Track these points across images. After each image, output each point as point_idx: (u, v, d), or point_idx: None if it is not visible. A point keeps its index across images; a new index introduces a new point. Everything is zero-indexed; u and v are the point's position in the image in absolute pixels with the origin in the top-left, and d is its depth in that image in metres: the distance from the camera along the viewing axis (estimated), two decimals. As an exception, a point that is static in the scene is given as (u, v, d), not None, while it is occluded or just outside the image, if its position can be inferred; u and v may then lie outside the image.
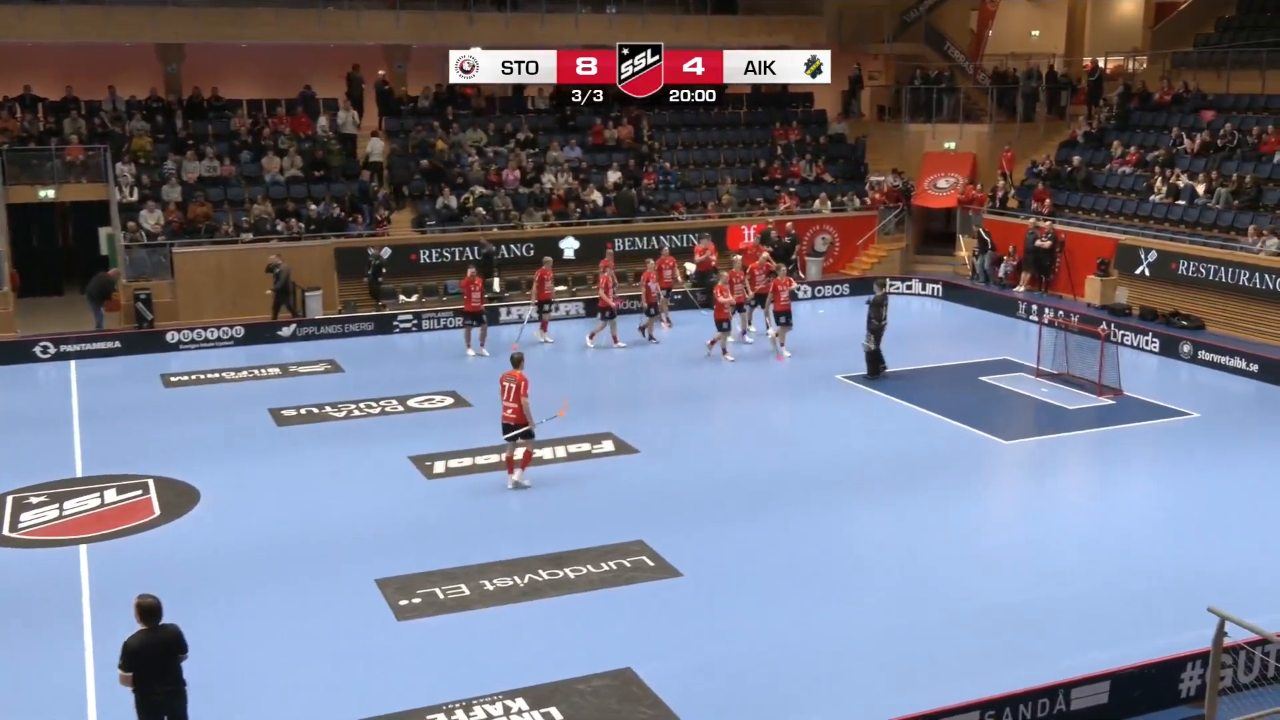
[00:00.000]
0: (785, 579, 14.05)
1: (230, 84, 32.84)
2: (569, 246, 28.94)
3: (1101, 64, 36.84)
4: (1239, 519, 15.90)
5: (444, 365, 24.67)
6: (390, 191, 31.01)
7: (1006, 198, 32.96)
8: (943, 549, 14.88)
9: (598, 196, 31.78)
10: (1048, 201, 31.32)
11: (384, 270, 28.00)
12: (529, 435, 16.98)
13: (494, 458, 18.16)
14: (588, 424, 19.73)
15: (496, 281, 29.04)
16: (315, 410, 20.95)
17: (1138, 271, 28.00)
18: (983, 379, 23.09)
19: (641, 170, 33.28)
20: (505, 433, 16.96)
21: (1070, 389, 22.28)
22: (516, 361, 17.38)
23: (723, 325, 24.38)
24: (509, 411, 16.89)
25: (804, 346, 25.05)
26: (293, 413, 20.81)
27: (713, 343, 24.39)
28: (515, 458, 16.97)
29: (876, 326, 22.88)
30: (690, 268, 30.52)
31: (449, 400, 21.65)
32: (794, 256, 31.55)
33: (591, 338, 25.39)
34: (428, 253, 29.11)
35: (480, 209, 30.02)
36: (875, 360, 23.05)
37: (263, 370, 23.98)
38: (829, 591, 13.73)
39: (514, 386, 16.87)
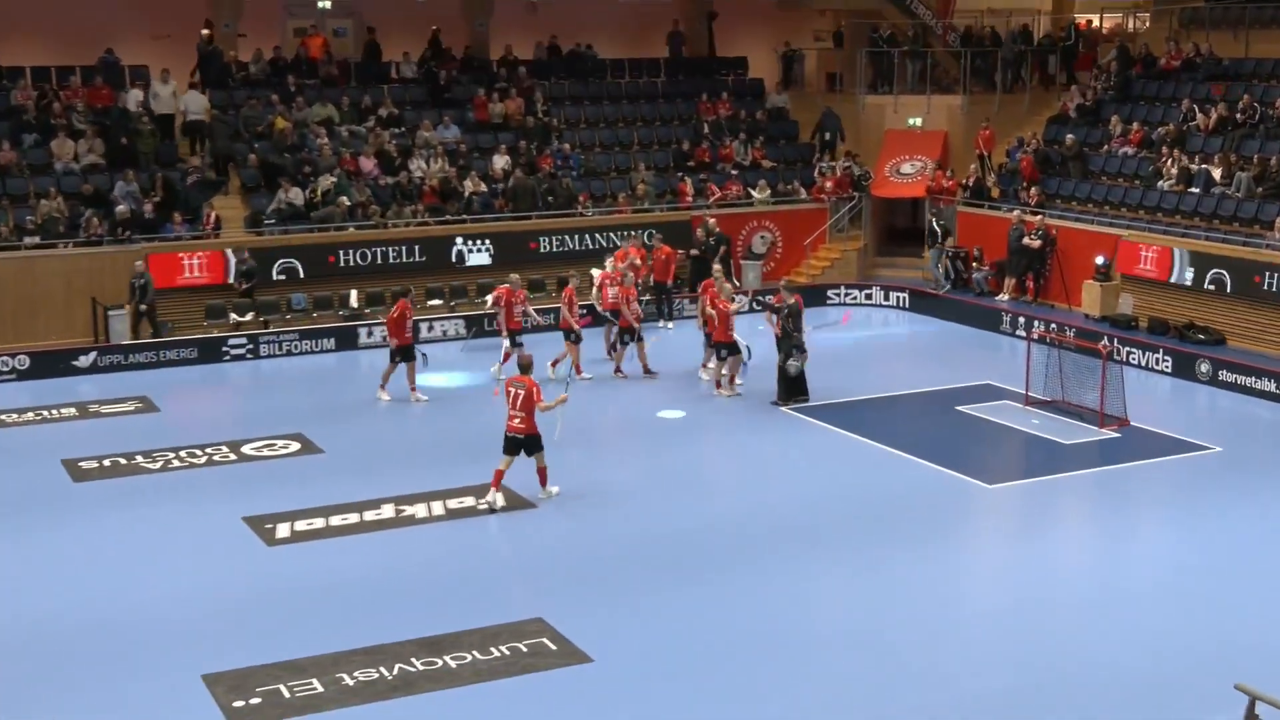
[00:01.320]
0: (719, 663, 14.08)
1: (10, 48, 32.29)
2: (352, 296, 28.98)
3: (1095, 22, 37.80)
4: (1269, 575, 16.29)
5: (288, 401, 24.46)
6: (212, 165, 30.77)
7: (985, 186, 33.60)
8: (912, 623, 15.02)
9: (483, 187, 31.83)
10: (1035, 191, 32.01)
11: (251, 279, 28.21)
12: (539, 447, 18.50)
13: (353, 516, 18.03)
14: (470, 473, 19.69)
15: (354, 295, 28.94)
16: (122, 461, 20.64)
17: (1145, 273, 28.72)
18: (960, 409, 23.44)
19: (536, 153, 33.38)
20: (508, 448, 18.43)
21: (1066, 419, 22.70)
22: (525, 366, 19.08)
23: (626, 338, 25.39)
24: (516, 421, 18.35)
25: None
26: (93, 464, 20.49)
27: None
28: (504, 471, 18.50)
29: (801, 342, 23.24)
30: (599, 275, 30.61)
31: (294, 446, 21.46)
32: (718, 261, 31.92)
33: (554, 365, 25.26)
34: (264, 262, 28.90)
35: (335, 202, 29.82)
36: (799, 386, 23.48)
37: (54, 411, 23.58)
38: (772, 678, 13.78)
39: (523, 393, 18.27)
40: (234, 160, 31.08)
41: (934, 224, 32.81)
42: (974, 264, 31.83)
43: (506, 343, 25.51)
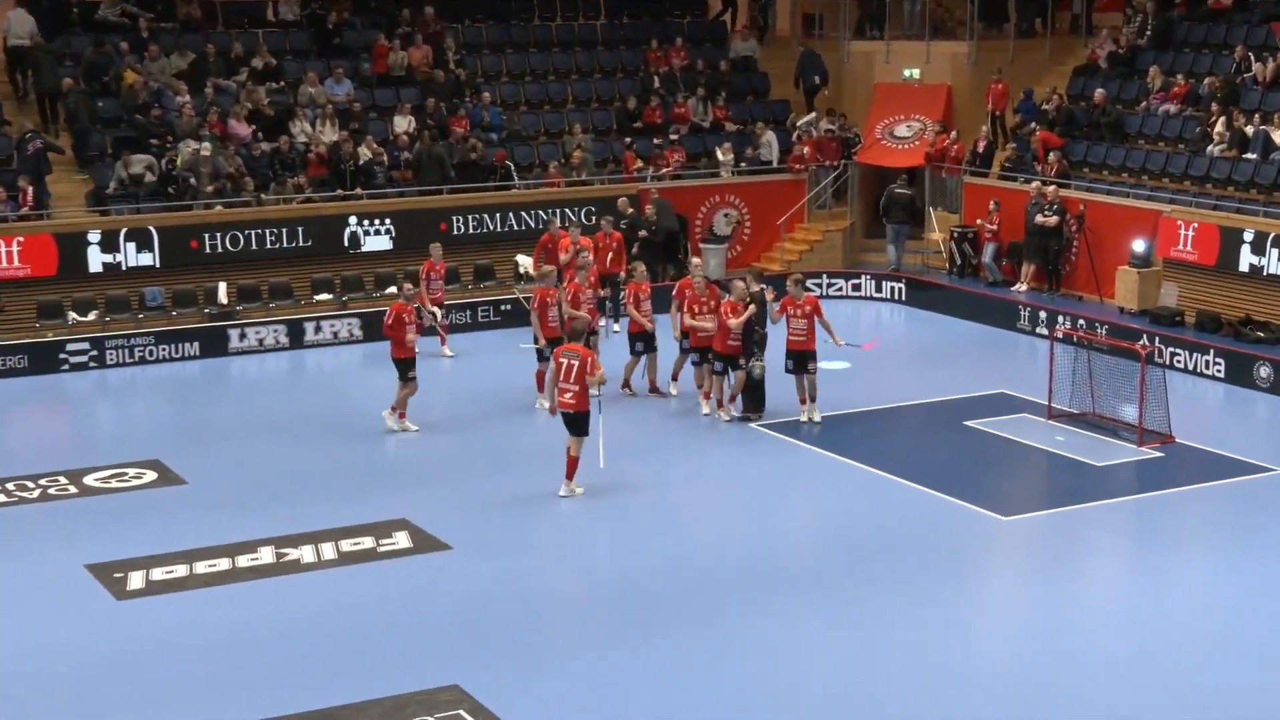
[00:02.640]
0: (677, 737, 14.17)
1: None
2: (220, 290, 29.02)
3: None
4: (1342, 623, 16.52)
5: (142, 420, 24.39)
6: (43, 109, 30.49)
7: (995, 151, 33.87)
8: (911, 683, 15.11)
9: (383, 155, 31.82)
10: (1055, 157, 32.32)
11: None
12: (583, 431, 19.72)
13: (223, 562, 17.96)
14: (367, 507, 19.71)
15: (223, 289, 28.88)
16: (-65, 496, 20.53)
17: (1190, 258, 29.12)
18: (969, 423, 23.64)
19: (448, 113, 33.39)
20: (568, 425, 19.81)
21: (1097, 435, 22.94)
22: (577, 333, 20.37)
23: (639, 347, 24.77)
24: (568, 396, 19.62)
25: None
26: (-101, 501, 20.34)
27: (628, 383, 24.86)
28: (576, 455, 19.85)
29: (762, 338, 23.40)
30: (526, 261, 30.64)
31: (149, 476, 21.37)
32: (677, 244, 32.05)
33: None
34: (110, 247, 28.75)
35: (199, 174, 29.69)
36: (758, 396, 23.69)
37: None
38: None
39: (575, 364, 19.57)
40: (62, 100, 30.77)
41: (894, 193, 33.08)
42: (982, 231, 32.15)
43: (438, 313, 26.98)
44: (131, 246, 28.82)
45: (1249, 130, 30.17)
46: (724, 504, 20.49)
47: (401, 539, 18.79)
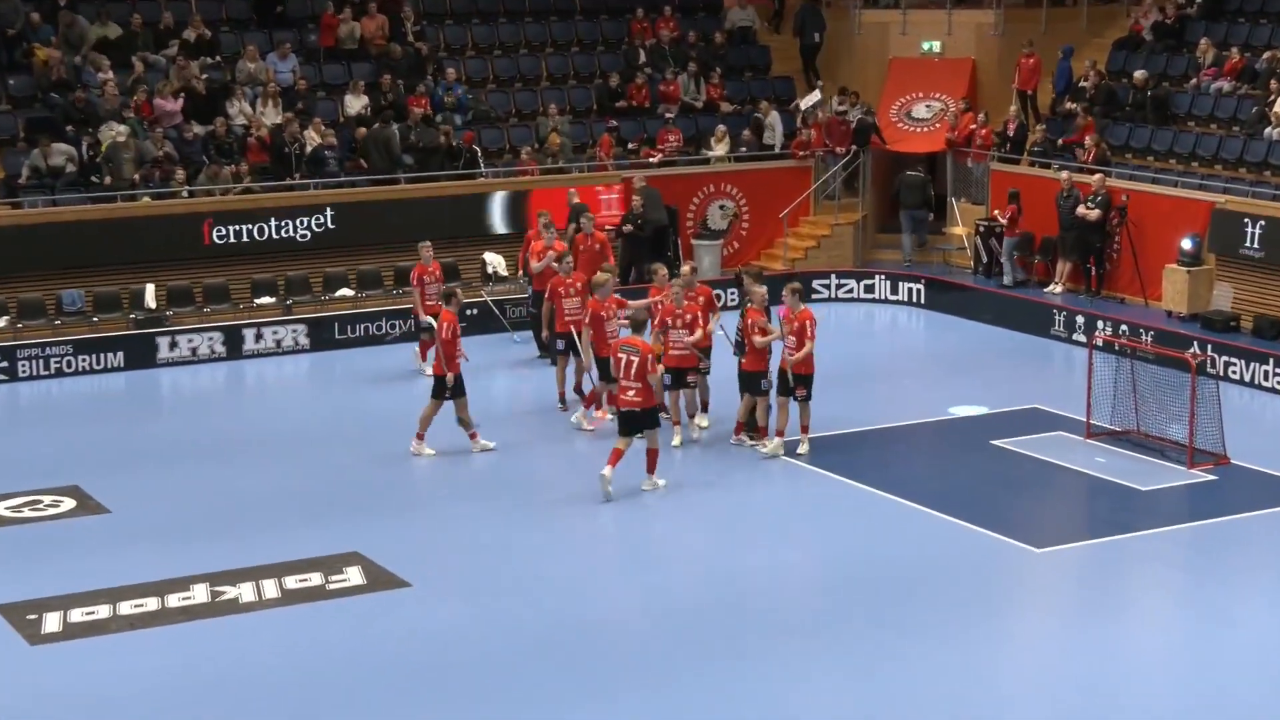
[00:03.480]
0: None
1: None
2: (147, 293, 28.96)
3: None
4: None
5: (59, 441, 24.33)
6: None
7: (1027, 135, 33.85)
8: (935, 738, 15.11)
9: (332, 139, 31.77)
10: (1093, 141, 32.34)
11: None
12: (654, 423, 20.60)
13: (151, 602, 17.87)
14: (314, 539, 19.67)
15: (151, 292, 28.82)
16: None
17: (1247, 255, 29.14)
18: (997, 443, 23.61)
19: (406, 92, 33.34)
20: (626, 426, 20.78)
21: (1142, 456, 22.92)
22: (639, 325, 21.06)
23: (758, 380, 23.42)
24: (630, 394, 20.58)
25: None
26: None
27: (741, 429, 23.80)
28: (623, 452, 20.73)
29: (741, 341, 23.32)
30: (496, 260, 30.61)
31: (67, 504, 21.29)
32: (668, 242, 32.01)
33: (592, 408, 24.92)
34: (30, 244, 28.69)
35: (122, 161, 29.62)
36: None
37: None
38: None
39: (636, 360, 20.43)
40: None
41: (907, 177, 33.09)
42: (1001, 223, 32.17)
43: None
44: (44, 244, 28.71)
45: (1312, 111, 30.25)
46: (718, 536, 20.41)
47: (354, 575, 18.70)
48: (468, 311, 29.44)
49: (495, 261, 30.71)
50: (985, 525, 20.22)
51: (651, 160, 33.54)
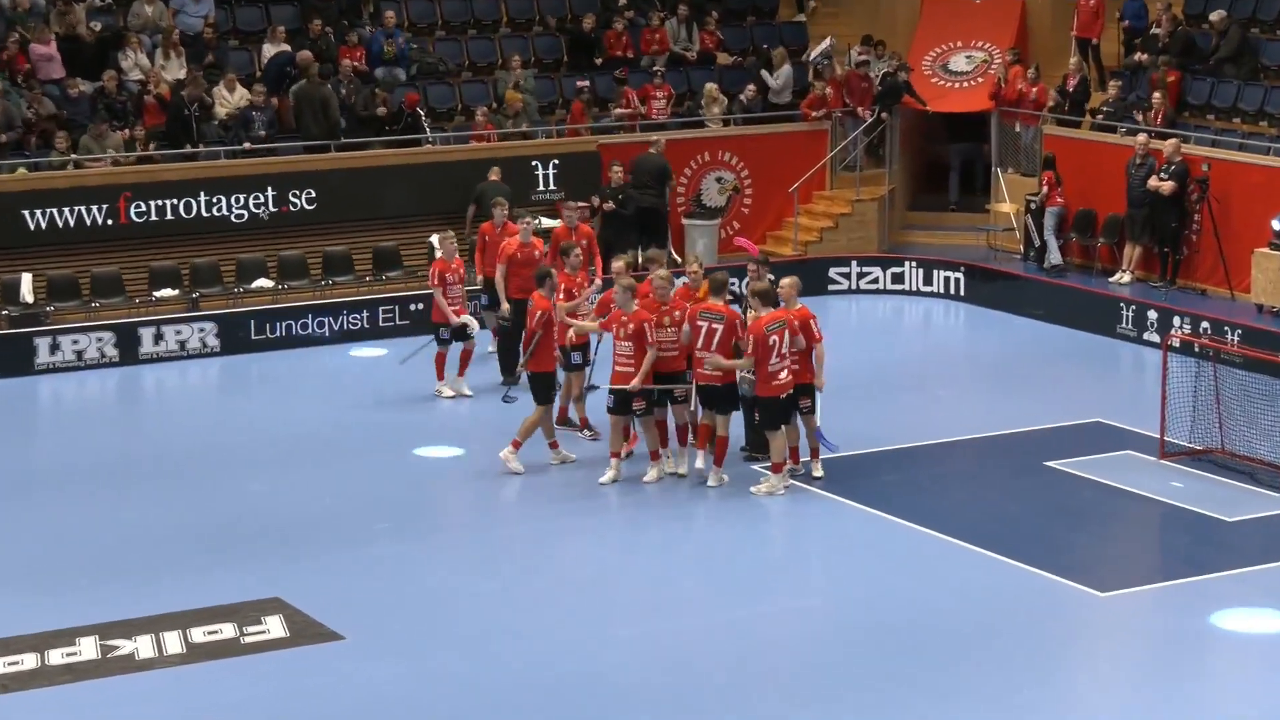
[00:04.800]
0: None
1: None
2: (23, 284, 28.93)
3: None
4: None
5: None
6: None
7: (1088, 93, 33.81)
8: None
9: (247, 97, 31.71)
10: (1159, 99, 32.32)
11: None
12: (733, 405, 22.15)
13: (28, 658, 17.77)
14: (228, 582, 19.57)
15: (27, 283, 28.75)
16: None
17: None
18: (1052, 464, 23.60)
19: (336, 40, 33.27)
20: (709, 402, 22.02)
21: (1227, 480, 22.90)
22: (719, 286, 22.28)
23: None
24: (708, 367, 21.70)
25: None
26: None
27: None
28: (711, 429, 21.91)
29: None
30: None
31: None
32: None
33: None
34: None
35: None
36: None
37: None
38: None
39: (720, 327, 21.73)
40: None
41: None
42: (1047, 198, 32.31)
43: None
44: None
45: None
46: (715, 580, 20.29)
47: (274, 625, 18.58)
48: (410, 306, 29.54)
49: (434, 242, 30.68)
50: (1038, 565, 20.14)
51: (625, 119, 33.55)
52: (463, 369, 26.32)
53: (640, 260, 28.32)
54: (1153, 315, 29.18)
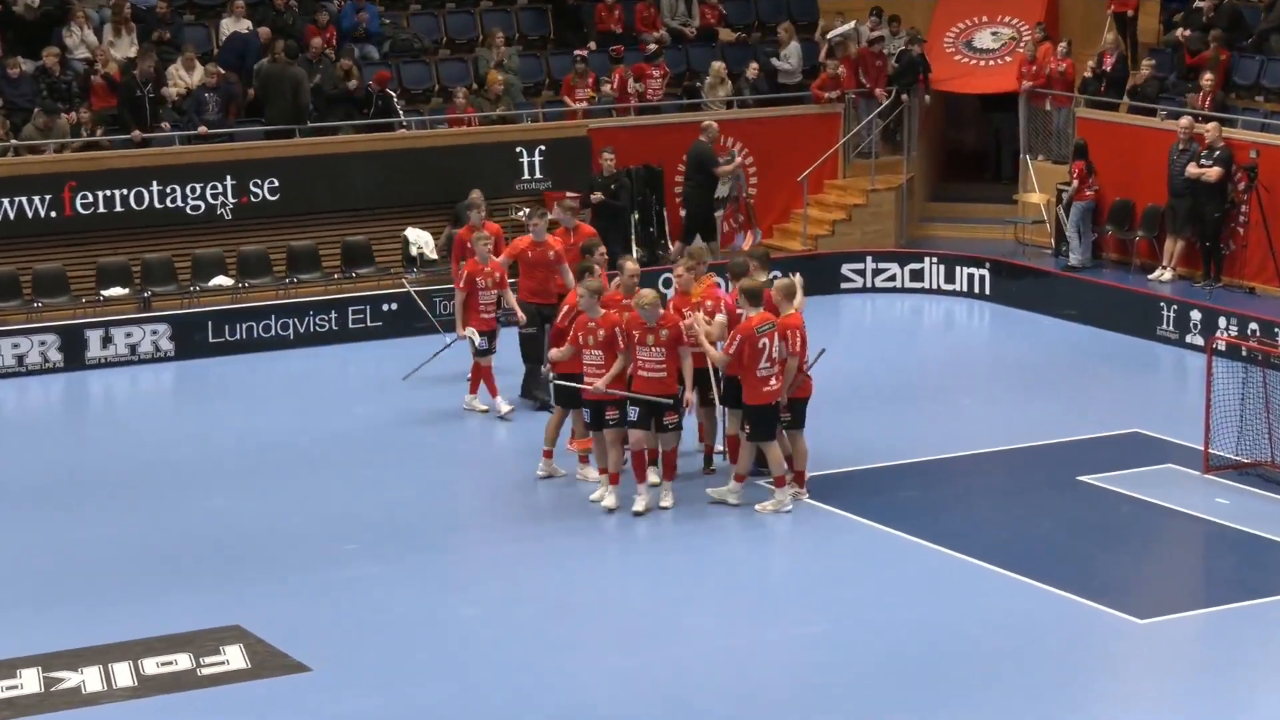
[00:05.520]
0: None
1: None
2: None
3: None
4: None
5: None
6: None
7: (1126, 72, 33.85)
8: None
9: (198, 74, 31.78)
10: (1208, 80, 32.37)
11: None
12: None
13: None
14: (183, 609, 19.60)
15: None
16: None
17: None
18: (1086, 479, 23.65)
19: (303, 15, 33.33)
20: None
21: (1278, 496, 22.96)
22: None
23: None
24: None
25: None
26: None
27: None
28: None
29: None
30: (421, 238, 30.58)
31: None
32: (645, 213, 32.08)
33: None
34: None
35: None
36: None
37: None
38: None
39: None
40: None
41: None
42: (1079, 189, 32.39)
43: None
44: None
45: None
46: (718, 605, 20.33)
47: (234, 656, 18.58)
48: (383, 306, 29.54)
49: (420, 240, 30.68)
50: (1070, 588, 20.18)
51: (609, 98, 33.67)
52: (474, 387, 26.29)
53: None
54: (1196, 316, 29.25)
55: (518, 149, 31.97)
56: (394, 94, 32.50)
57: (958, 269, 32.74)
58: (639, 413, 22.20)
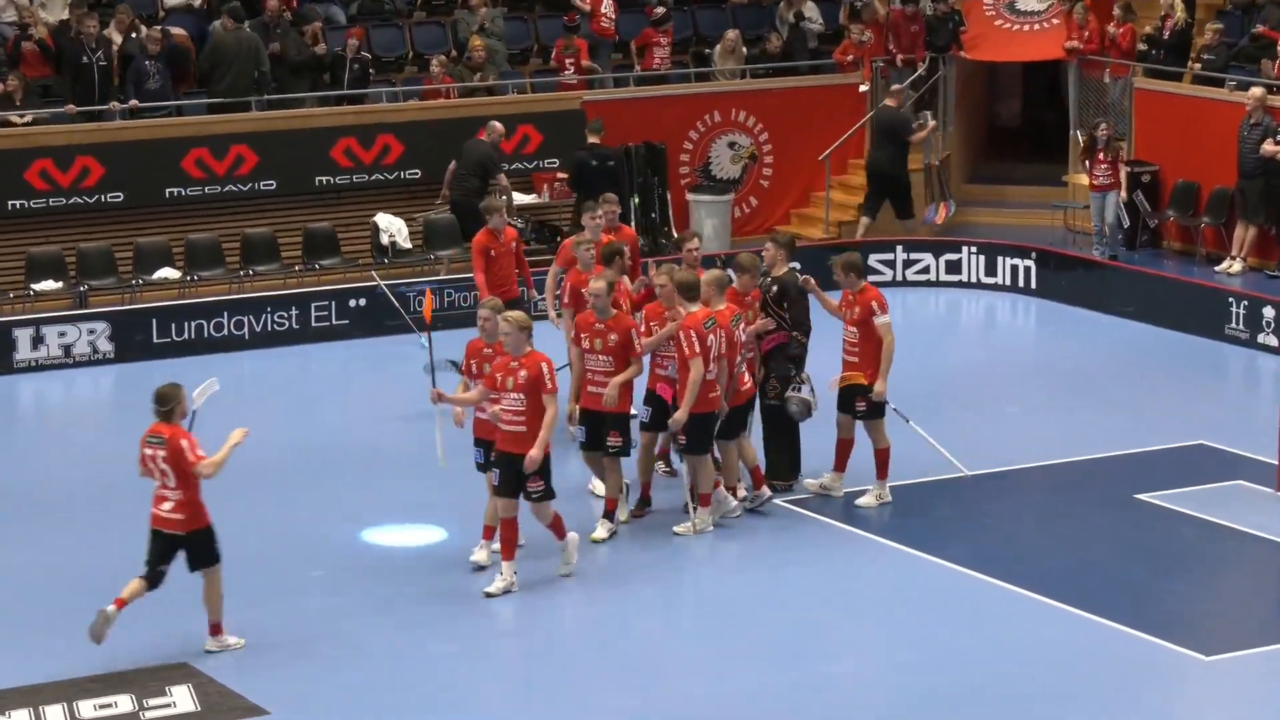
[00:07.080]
0: None
1: None
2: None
3: None
4: None
5: None
6: None
7: (1189, 37, 33.87)
8: None
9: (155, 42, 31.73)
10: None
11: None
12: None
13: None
14: (127, 643, 19.55)
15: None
16: None
17: None
18: (1144, 497, 23.68)
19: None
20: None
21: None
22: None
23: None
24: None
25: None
26: None
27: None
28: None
29: (803, 354, 23.21)
30: (393, 225, 30.60)
31: None
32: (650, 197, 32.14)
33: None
34: None
35: None
36: (792, 448, 23.71)
37: None
38: None
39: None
40: None
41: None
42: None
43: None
44: None
45: None
46: (733, 640, 20.31)
47: (181, 697, 18.60)
48: (349, 302, 29.51)
49: (392, 227, 30.66)
50: (1127, 621, 20.17)
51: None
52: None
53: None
54: (1269, 313, 29.29)
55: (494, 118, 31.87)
56: (367, 57, 32.46)
57: (1000, 259, 32.79)
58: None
